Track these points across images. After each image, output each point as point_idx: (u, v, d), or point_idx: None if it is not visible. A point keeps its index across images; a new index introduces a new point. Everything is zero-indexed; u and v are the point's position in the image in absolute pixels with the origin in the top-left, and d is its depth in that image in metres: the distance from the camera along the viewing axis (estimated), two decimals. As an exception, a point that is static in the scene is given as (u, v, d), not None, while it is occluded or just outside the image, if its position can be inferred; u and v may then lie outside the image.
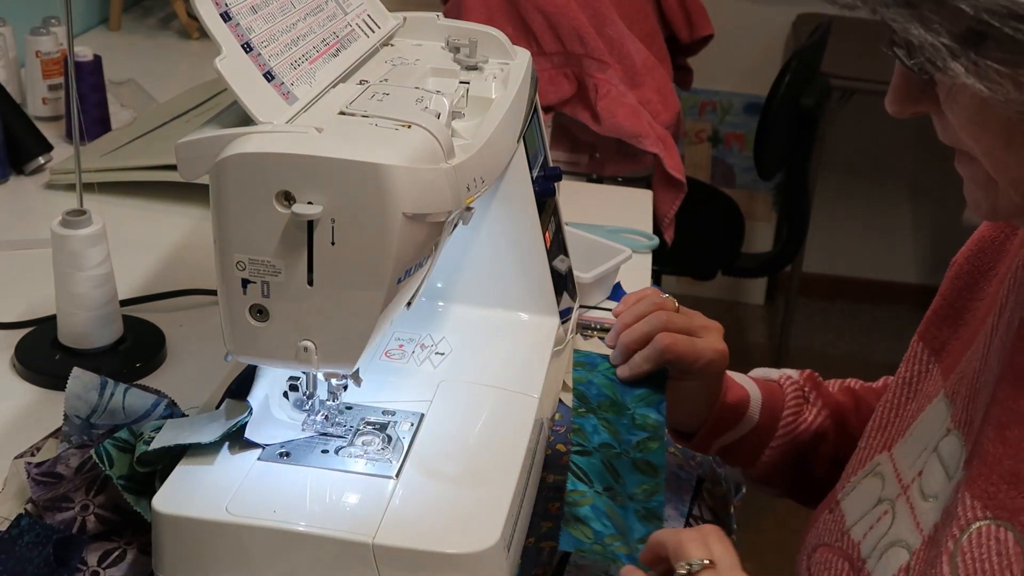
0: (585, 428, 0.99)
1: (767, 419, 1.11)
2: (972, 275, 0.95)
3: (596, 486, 0.93)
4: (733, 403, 1.10)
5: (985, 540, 0.78)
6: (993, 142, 0.74)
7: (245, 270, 0.87)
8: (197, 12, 0.86)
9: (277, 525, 0.88)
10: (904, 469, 0.91)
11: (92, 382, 1.05)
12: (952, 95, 0.75)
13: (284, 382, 1.01)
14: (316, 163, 0.83)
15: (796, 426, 1.12)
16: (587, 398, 1.04)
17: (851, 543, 0.92)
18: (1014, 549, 0.77)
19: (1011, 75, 0.69)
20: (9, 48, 1.94)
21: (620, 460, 0.97)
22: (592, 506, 0.90)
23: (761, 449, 1.12)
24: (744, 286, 3.83)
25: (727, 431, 1.11)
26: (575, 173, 2.07)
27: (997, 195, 0.78)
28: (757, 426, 1.11)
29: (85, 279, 1.21)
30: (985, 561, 0.78)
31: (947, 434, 0.88)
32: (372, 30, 1.10)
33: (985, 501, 0.79)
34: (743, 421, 1.11)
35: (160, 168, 1.63)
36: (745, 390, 1.11)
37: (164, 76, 2.18)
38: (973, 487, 0.81)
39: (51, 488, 0.99)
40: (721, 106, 3.60)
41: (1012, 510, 0.78)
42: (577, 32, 1.98)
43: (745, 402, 1.11)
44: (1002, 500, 0.78)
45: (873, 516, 0.92)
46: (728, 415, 1.10)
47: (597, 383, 1.06)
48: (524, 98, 1.11)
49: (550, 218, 1.22)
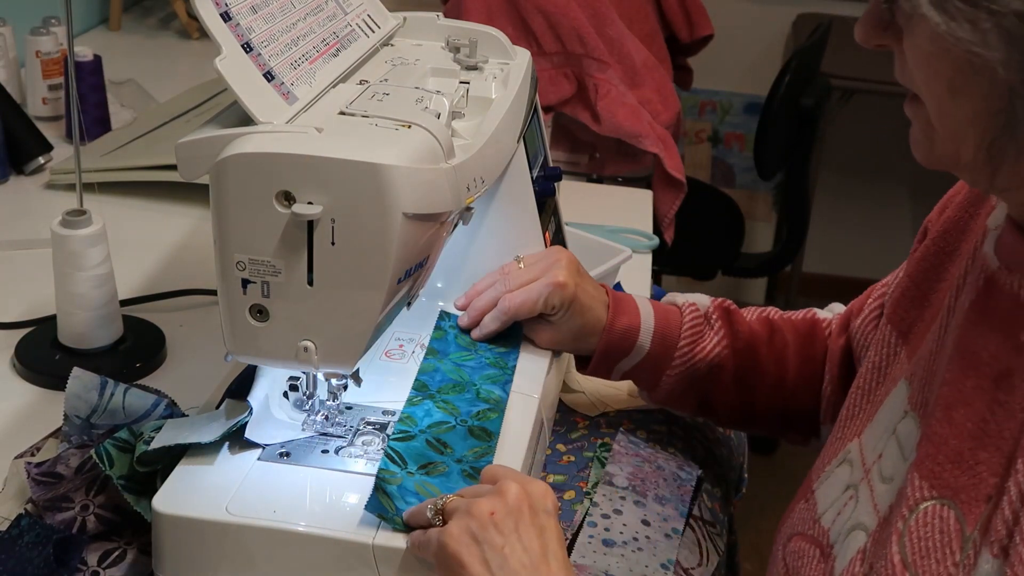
0: (415, 415, 1.01)
1: (659, 347, 1.13)
2: (938, 256, 0.96)
3: (410, 467, 0.94)
4: (621, 331, 1.13)
5: (931, 519, 0.79)
6: (941, 89, 0.76)
7: (245, 270, 0.87)
8: (197, 12, 0.86)
9: (277, 525, 0.88)
10: (868, 453, 0.92)
11: (92, 382, 1.05)
12: (911, 29, 0.76)
13: (284, 382, 1.01)
14: (316, 163, 0.83)
15: (692, 355, 1.13)
16: (427, 386, 1.06)
17: (821, 530, 0.93)
18: (954, 527, 0.78)
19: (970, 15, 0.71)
20: (9, 48, 1.94)
21: (452, 432, 0.99)
22: (400, 486, 0.91)
23: (658, 376, 1.14)
24: (744, 286, 3.83)
25: (621, 358, 1.14)
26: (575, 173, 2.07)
27: (934, 142, 0.79)
28: (649, 354, 1.13)
29: (85, 279, 1.21)
30: (929, 540, 0.79)
31: (904, 416, 0.89)
32: (372, 30, 1.10)
33: (932, 481, 0.80)
34: (634, 349, 1.13)
35: (160, 168, 1.63)
36: (637, 319, 1.13)
37: (164, 76, 2.18)
38: (921, 468, 0.82)
39: (51, 488, 0.99)
40: (721, 106, 3.60)
41: (955, 488, 0.79)
42: (577, 32, 1.98)
43: (635, 331, 1.13)
44: (947, 479, 0.80)
45: (840, 502, 0.92)
46: (617, 342, 1.13)
47: (444, 369, 1.09)
48: (524, 98, 1.11)
49: (550, 218, 1.22)
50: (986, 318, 0.82)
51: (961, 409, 0.81)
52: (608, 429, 1.19)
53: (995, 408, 0.79)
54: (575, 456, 1.14)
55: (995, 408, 0.79)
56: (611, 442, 1.16)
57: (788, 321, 1.18)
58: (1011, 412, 0.77)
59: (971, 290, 0.85)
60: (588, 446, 1.16)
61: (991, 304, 0.82)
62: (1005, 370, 0.79)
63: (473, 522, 0.82)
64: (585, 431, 1.18)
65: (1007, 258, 0.82)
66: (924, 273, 0.97)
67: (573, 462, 1.14)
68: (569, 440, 1.17)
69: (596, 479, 1.11)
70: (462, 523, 0.82)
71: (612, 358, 1.14)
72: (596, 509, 1.07)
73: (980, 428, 0.79)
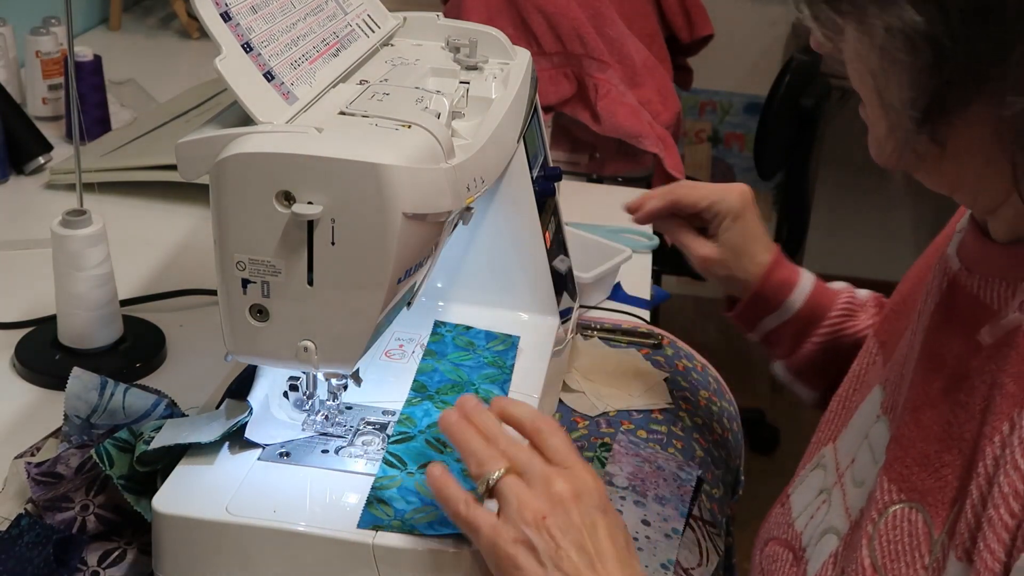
0: (415, 416, 1.01)
1: (809, 311, 1.13)
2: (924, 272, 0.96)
3: (410, 467, 0.94)
4: (778, 282, 1.13)
5: (899, 522, 0.79)
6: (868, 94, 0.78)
7: (245, 270, 0.87)
8: (197, 12, 0.86)
9: (277, 525, 0.88)
10: (842, 458, 0.92)
11: (92, 382, 1.05)
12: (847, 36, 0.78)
13: (284, 382, 1.01)
14: (316, 163, 0.83)
15: (841, 328, 1.13)
16: (426, 387, 1.06)
17: (795, 534, 0.93)
18: (923, 530, 0.77)
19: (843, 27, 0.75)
20: (9, 48, 1.94)
21: None
22: (399, 487, 0.92)
23: (801, 341, 1.14)
24: (744, 286, 3.83)
25: (769, 313, 1.14)
26: (575, 173, 2.07)
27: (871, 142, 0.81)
28: (797, 315, 1.13)
29: (85, 279, 1.21)
30: (898, 543, 0.79)
31: (876, 420, 0.89)
32: (372, 30, 1.10)
33: (900, 484, 0.80)
34: (784, 305, 1.13)
35: (160, 168, 1.63)
36: (796, 276, 1.14)
37: (164, 76, 2.18)
38: (890, 471, 0.82)
39: (51, 488, 0.99)
40: (721, 106, 3.60)
41: (922, 491, 0.78)
42: (577, 32, 1.98)
43: (790, 285, 1.13)
44: (914, 482, 0.79)
45: (813, 506, 0.93)
46: (771, 291, 1.13)
47: (442, 370, 1.09)
48: (524, 98, 1.11)
49: (550, 218, 1.22)
50: (948, 320, 0.82)
51: (927, 411, 0.80)
52: (608, 429, 1.19)
53: (956, 410, 0.78)
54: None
55: (956, 410, 0.78)
56: (611, 442, 1.16)
57: None
58: (971, 413, 0.77)
59: (936, 293, 0.86)
60: (588, 446, 1.16)
61: (953, 306, 0.82)
62: (964, 370, 0.78)
63: (527, 528, 0.80)
64: (585, 431, 1.19)
65: (967, 260, 0.83)
66: (908, 290, 0.98)
67: (573, 462, 1.14)
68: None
69: (596, 479, 1.11)
70: (515, 526, 0.80)
71: (761, 308, 1.14)
72: (596, 509, 1.07)
73: (944, 430, 0.78)
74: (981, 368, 0.76)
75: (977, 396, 0.76)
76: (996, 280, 0.79)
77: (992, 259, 0.80)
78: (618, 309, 1.46)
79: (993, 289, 0.78)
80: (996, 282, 0.78)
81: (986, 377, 0.76)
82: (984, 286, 0.79)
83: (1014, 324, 0.75)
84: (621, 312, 1.45)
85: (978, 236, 0.82)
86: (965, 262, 0.83)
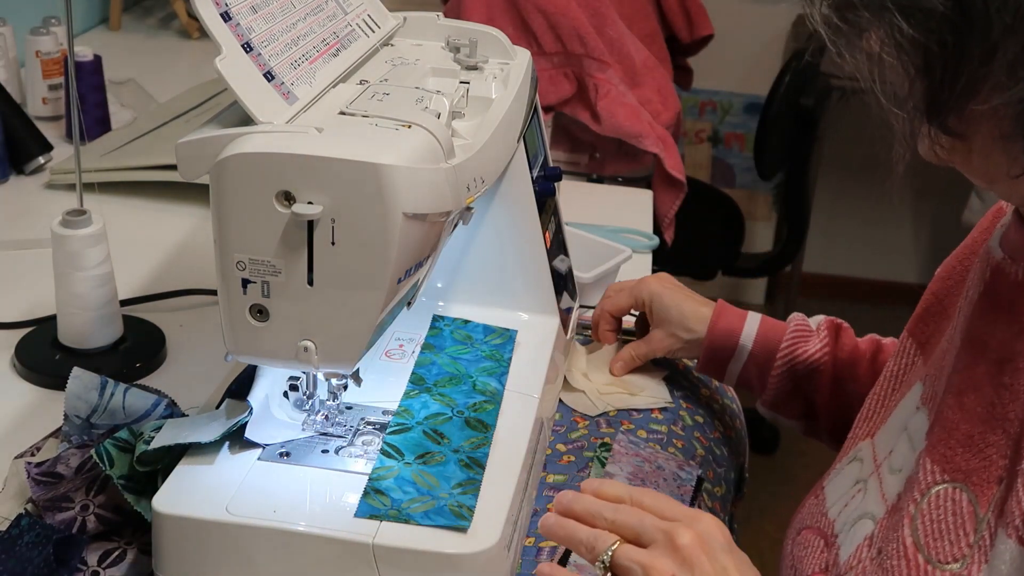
0: (412, 408, 1.02)
1: (761, 347, 1.20)
2: (960, 273, 0.97)
3: (407, 458, 0.95)
4: (724, 331, 1.21)
5: (943, 502, 0.81)
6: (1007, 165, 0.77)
7: (245, 270, 0.87)
8: (197, 12, 0.86)
9: (277, 525, 0.88)
10: (880, 451, 0.94)
11: (92, 382, 1.05)
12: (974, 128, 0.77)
13: (284, 382, 1.01)
14: (316, 163, 0.83)
15: (794, 356, 1.19)
16: (424, 379, 1.07)
17: (828, 522, 0.95)
18: (967, 509, 0.80)
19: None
20: (9, 48, 1.94)
21: (449, 423, 1.01)
22: (396, 477, 0.93)
23: (765, 378, 1.20)
24: (744, 286, 3.83)
25: (728, 358, 1.22)
26: (575, 173, 2.07)
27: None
28: (752, 354, 1.20)
29: (85, 279, 1.21)
30: (941, 522, 0.80)
31: (916, 412, 0.91)
32: (372, 30, 1.10)
33: (943, 465, 0.82)
34: (738, 348, 1.21)
35: (160, 168, 1.63)
36: (741, 321, 1.22)
37: (164, 76, 2.18)
38: (933, 453, 0.83)
39: (51, 488, 0.99)
40: (721, 106, 3.60)
41: (966, 471, 0.80)
42: (577, 32, 1.98)
43: (737, 329, 1.21)
44: (958, 463, 0.81)
45: (848, 495, 0.94)
46: (719, 342, 1.21)
47: (440, 363, 1.09)
48: (524, 98, 1.11)
49: (550, 218, 1.22)
50: (992, 306, 0.85)
51: (971, 394, 0.82)
52: (608, 429, 1.19)
53: (1001, 391, 0.80)
54: (575, 456, 1.14)
55: (1001, 391, 0.80)
56: (611, 442, 1.16)
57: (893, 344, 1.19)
58: (1016, 394, 0.79)
59: (979, 282, 0.88)
60: (588, 446, 1.16)
61: (996, 293, 0.85)
62: (1009, 354, 0.81)
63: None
64: (585, 431, 1.18)
65: (1011, 250, 0.85)
66: (946, 290, 0.99)
67: (573, 462, 1.14)
68: (569, 440, 1.17)
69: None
70: None
71: (719, 356, 1.22)
72: (596, 509, 1.07)
73: (988, 412, 0.81)
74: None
75: (1021, 378, 0.79)
76: None
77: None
78: (618, 309, 1.45)
79: None
80: None
81: None
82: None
83: None
84: (621, 312, 1.44)
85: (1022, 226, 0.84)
86: (1008, 251, 0.85)
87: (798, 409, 1.22)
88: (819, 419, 1.21)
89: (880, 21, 0.73)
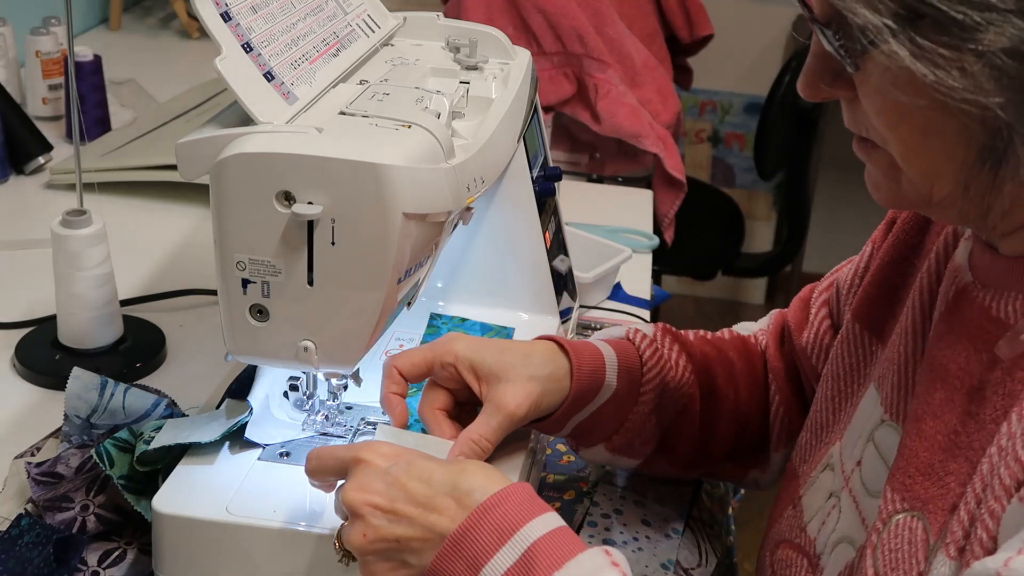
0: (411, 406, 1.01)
1: (625, 381, 1.00)
2: (905, 248, 0.94)
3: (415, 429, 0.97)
4: (589, 371, 0.98)
5: (901, 531, 0.79)
6: (910, 132, 0.74)
7: (245, 270, 0.87)
8: (197, 12, 0.86)
9: (277, 525, 0.88)
10: (846, 460, 0.91)
11: (92, 382, 1.05)
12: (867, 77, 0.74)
13: (284, 382, 1.01)
14: (316, 163, 0.83)
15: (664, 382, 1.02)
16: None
17: (808, 539, 0.92)
18: (921, 537, 0.77)
19: (956, 61, 0.69)
20: (9, 48, 1.94)
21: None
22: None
23: (623, 416, 1.01)
24: (744, 286, 3.83)
25: (587, 404, 0.99)
26: (575, 173, 2.07)
27: (900, 182, 0.78)
28: (616, 392, 0.99)
29: (85, 279, 1.21)
30: (898, 551, 0.78)
31: (881, 424, 0.88)
32: (372, 30, 1.10)
33: (903, 494, 0.80)
34: (602, 389, 0.98)
35: (160, 168, 1.63)
36: (600, 356, 0.99)
37: (164, 76, 2.18)
38: (894, 481, 0.81)
39: (51, 488, 0.99)
40: (721, 106, 3.60)
41: (924, 500, 0.78)
42: (577, 32, 1.98)
43: (601, 369, 0.99)
44: (917, 491, 0.79)
45: (824, 511, 0.92)
46: (587, 386, 0.98)
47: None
48: (524, 98, 1.11)
49: (550, 218, 1.22)
50: (954, 330, 0.81)
51: (930, 421, 0.80)
52: (608, 429, 1.18)
53: (967, 420, 0.77)
54: (575, 456, 1.14)
55: (967, 420, 0.77)
56: (611, 442, 1.15)
57: (723, 340, 1.11)
58: (981, 423, 0.76)
59: (942, 301, 0.84)
60: (588, 446, 1.16)
61: (960, 317, 0.81)
62: (978, 383, 0.78)
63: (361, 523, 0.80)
64: (585, 431, 1.18)
65: (980, 273, 0.81)
66: (892, 269, 0.95)
67: (573, 462, 1.14)
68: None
69: (596, 479, 1.11)
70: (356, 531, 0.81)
71: (579, 404, 0.98)
72: (596, 509, 1.07)
73: (951, 440, 0.78)
74: (999, 381, 0.76)
75: (988, 407, 0.76)
76: (1012, 294, 0.78)
77: (1008, 274, 0.79)
78: (618, 309, 1.46)
79: (1008, 303, 0.78)
80: (1011, 296, 0.78)
81: (1002, 389, 0.75)
82: (998, 300, 0.79)
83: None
84: (621, 312, 1.45)
85: (987, 249, 0.81)
86: (977, 275, 0.81)
87: (650, 445, 1.04)
88: (674, 449, 1.06)
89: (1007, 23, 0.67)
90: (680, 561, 1.04)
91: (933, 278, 0.88)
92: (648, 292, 1.53)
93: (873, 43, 0.71)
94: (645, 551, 1.03)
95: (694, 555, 1.06)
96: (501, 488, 0.79)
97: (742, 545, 1.30)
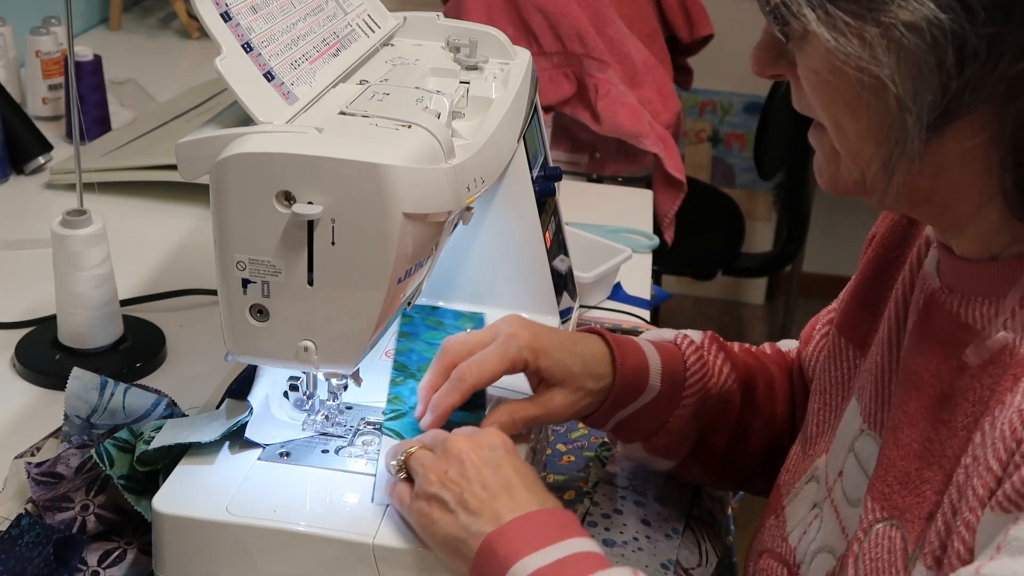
0: (402, 395, 1.04)
1: (669, 385, 1.02)
2: (883, 262, 0.94)
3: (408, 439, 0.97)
4: (632, 372, 1.01)
5: (880, 540, 0.79)
6: (838, 110, 0.75)
7: (245, 270, 0.87)
8: (197, 12, 0.86)
9: (277, 525, 0.88)
10: (830, 471, 0.91)
11: (92, 382, 1.05)
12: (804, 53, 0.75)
13: (284, 382, 1.01)
14: (316, 163, 0.83)
15: (706, 388, 1.04)
16: (407, 366, 1.08)
17: (788, 548, 0.92)
18: (900, 547, 0.77)
19: (857, 28, 0.70)
20: (9, 48, 1.94)
21: None
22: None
23: (664, 418, 1.03)
24: (744, 286, 3.83)
25: (629, 404, 1.02)
26: (575, 173, 2.07)
27: (839, 167, 0.78)
28: (660, 393, 1.02)
29: (85, 279, 1.21)
30: (878, 560, 0.78)
31: (861, 434, 0.88)
32: (372, 30, 1.10)
33: (882, 503, 0.80)
34: (645, 391, 1.01)
35: (160, 168, 1.63)
36: (644, 357, 1.02)
37: (164, 76, 2.18)
38: (873, 490, 0.81)
39: (51, 488, 0.99)
40: (721, 106, 3.60)
41: (902, 508, 0.78)
42: (577, 32, 1.98)
43: (644, 371, 1.01)
44: (895, 500, 0.79)
45: (806, 521, 0.92)
46: (629, 386, 1.01)
47: (418, 349, 1.11)
48: (524, 98, 1.11)
49: (550, 218, 1.22)
50: (925, 338, 0.81)
51: (906, 430, 0.80)
52: (608, 429, 1.18)
53: (938, 427, 0.77)
54: (575, 456, 1.14)
55: (938, 427, 0.77)
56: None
57: (765, 355, 1.13)
58: (953, 430, 0.76)
59: (914, 310, 0.84)
60: (588, 446, 1.16)
61: (931, 324, 0.81)
62: (948, 390, 0.77)
63: (432, 487, 0.86)
64: (585, 431, 1.18)
65: (947, 279, 0.81)
66: (871, 280, 0.95)
67: (573, 462, 1.14)
68: (569, 440, 1.17)
69: (596, 479, 1.11)
70: (424, 490, 0.87)
71: (622, 402, 1.01)
72: (596, 509, 1.07)
73: (925, 448, 0.78)
74: (967, 388, 0.76)
75: (959, 414, 0.76)
76: (978, 299, 0.77)
77: (972, 278, 0.78)
78: (618, 309, 1.46)
79: (975, 308, 0.77)
80: (978, 301, 0.77)
81: (971, 396, 0.75)
82: (965, 305, 0.78)
83: (1000, 344, 0.74)
84: (621, 312, 1.45)
85: (950, 254, 0.81)
86: (944, 281, 0.81)
87: (687, 448, 1.06)
88: (710, 454, 1.08)
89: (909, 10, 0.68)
90: (680, 561, 1.04)
91: (907, 287, 0.88)
92: (648, 292, 1.53)
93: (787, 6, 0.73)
94: (645, 551, 1.03)
95: (694, 555, 1.06)
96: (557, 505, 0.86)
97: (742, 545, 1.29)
